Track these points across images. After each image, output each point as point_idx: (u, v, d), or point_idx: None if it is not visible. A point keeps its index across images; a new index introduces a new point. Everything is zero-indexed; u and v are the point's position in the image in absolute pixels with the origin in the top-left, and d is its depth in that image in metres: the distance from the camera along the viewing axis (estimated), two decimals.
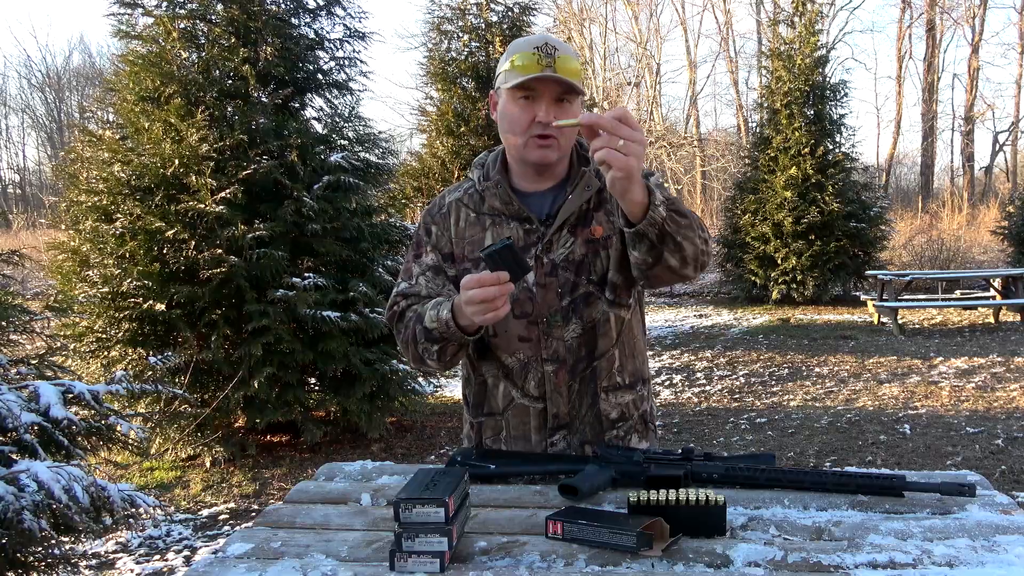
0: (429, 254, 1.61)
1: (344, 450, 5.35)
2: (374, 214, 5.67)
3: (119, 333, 4.85)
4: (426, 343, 1.50)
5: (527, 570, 1.10)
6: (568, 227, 1.54)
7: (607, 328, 1.57)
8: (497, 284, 1.32)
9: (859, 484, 1.32)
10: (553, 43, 1.47)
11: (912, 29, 25.06)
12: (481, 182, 1.59)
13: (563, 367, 1.55)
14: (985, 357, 7.62)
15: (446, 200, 1.64)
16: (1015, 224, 12.24)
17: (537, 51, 1.45)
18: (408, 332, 1.54)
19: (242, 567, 1.14)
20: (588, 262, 1.54)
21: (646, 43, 26.13)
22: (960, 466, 4.58)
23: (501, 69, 1.52)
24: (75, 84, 32.83)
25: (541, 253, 1.53)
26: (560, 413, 1.56)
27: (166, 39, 5.11)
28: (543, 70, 1.44)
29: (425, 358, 1.53)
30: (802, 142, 11.61)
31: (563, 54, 1.46)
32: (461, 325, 1.42)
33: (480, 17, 9.76)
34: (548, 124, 1.46)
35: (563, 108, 1.48)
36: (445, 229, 1.61)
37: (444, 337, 1.46)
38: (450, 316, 1.43)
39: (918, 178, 25.69)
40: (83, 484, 2.36)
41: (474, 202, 1.60)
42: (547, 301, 1.53)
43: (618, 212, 1.38)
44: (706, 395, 6.64)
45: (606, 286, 1.56)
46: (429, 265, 1.60)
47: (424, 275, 1.60)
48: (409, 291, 1.60)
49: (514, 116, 1.49)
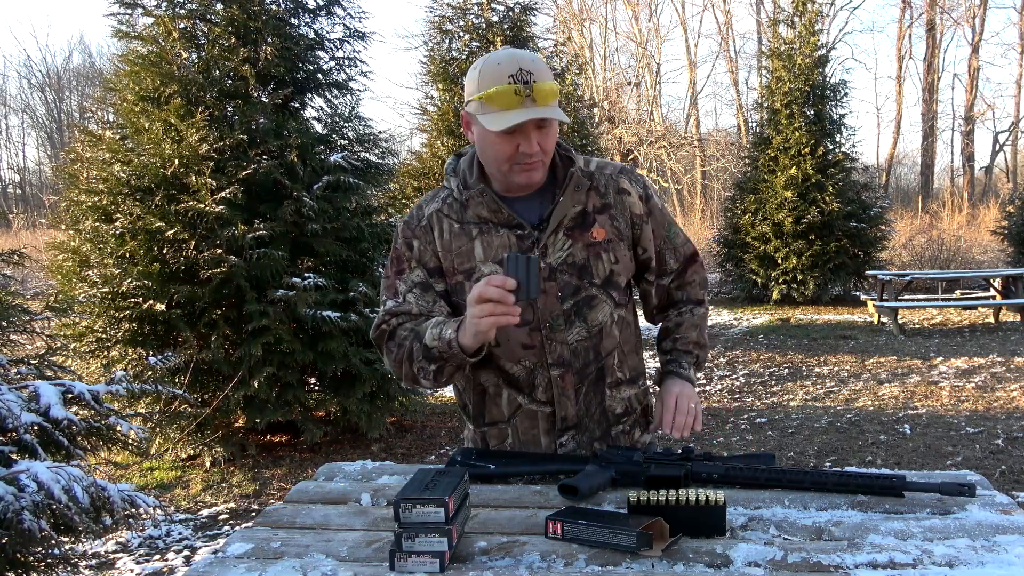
0: (415, 270, 1.56)
1: (344, 450, 5.35)
2: (374, 214, 5.67)
3: (119, 333, 4.85)
4: (424, 362, 1.47)
5: (527, 570, 1.10)
6: (564, 230, 1.52)
7: (611, 328, 1.58)
8: (503, 289, 1.31)
9: (859, 484, 1.32)
10: (527, 66, 1.40)
11: (912, 29, 25.08)
12: (461, 191, 1.54)
13: (569, 370, 1.54)
14: (985, 357, 7.61)
15: (424, 212, 1.57)
16: (1015, 224, 12.23)
17: (513, 81, 1.39)
18: (402, 351, 1.50)
19: (242, 567, 1.14)
20: (590, 265, 1.53)
21: (646, 43, 26.15)
22: (960, 466, 4.57)
23: (473, 94, 1.44)
24: (75, 84, 32.83)
25: (537, 258, 1.52)
26: (568, 415, 1.56)
27: (166, 39, 5.11)
28: (523, 102, 1.39)
29: (420, 377, 1.50)
30: (802, 142, 11.60)
31: (539, 78, 1.40)
32: (463, 345, 1.40)
33: (481, 17, 9.76)
34: (533, 153, 1.44)
35: (544, 132, 1.44)
36: (428, 243, 1.55)
37: (444, 357, 1.44)
38: (453, 336, 1.40)
39: (918, 178, 25.69)
40: (83, 484, 2.36)
41: (455, 212, 1.55)
42: (548, 306, 1.51)
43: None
44: (706, 395, 6.64)
45: (610, 288, 1.55)
46: (416, 282, 1.55)
47: (411, 292, 1.55)
48: (398, 309, 1.54)
49: (496, 148, 1.45)
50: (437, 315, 1.53)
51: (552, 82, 1.44)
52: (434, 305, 1.54)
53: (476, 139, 1.50)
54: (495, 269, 1.50)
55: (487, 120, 1.41)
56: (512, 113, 1.39)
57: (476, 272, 1.52)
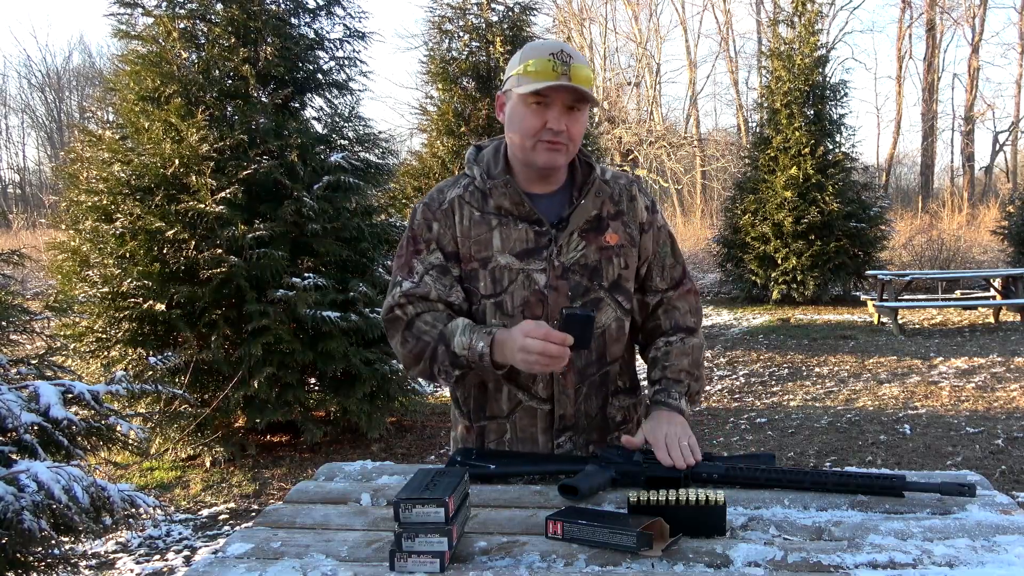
0: (433, 252, 1.55)
1: (344, 450, 5.35)
2: (374, 214, 5.67)
3: (119, 333, 4.85)
4: (449, 367, 1.47)
5: (527, 570, 1.10)
6: (580, 232, 1.55)
7: (620, 334, 1.59)
8: (562, 345, 1.34)
9: (859, 484, 1.32)
10: (568, 51, 1.47)
11: (912, 29, 25.08)
12: (484, 180, 1.56)
13: (571, 369, 1.55)
14: (985, 357, 7.61)
15: (446, 196, 1.58)
16: (1015, 224, 12.23)
17: (553, 58, 1.45)
18: (422, 346, 1.49)
19: (242, 567, 1.14)
20: (601, 268, 1.55)
21: (646, 43, 26.15)
22: (960, 466, 4.57)
23: (512, 71, 1.50)
24: (75, 84, 32.83)
25: (553, 256, 1.53)
26: (567, 414, 1.57)
27: (166, 39, 5.11)
28: (558, 78, 1.43)
29: (439, 377, 1.51)
30: (802, 142, 11.60)
31: (577, 63, 1.46)
32: (496, 361, 1.41)
33: (481, 17, 9.76)
34: (559, 132, 1.47)
35: (573, 115, 1.48)
36: (448, 227, 1.55)
37: (471, 367, 1.45)
38: (487, 352, 1.41)
39: (918, 178, 25.68)
40: (83, 484, 2.36)
41: (476, 200, 1.56)
42: (558, 304, 1.52)
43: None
44: (706, 395, 6.63)
45: (616, 292, 1.57)
46: (434, 264, 1.54)
47: (429, 274, 1.53)
48: (415, 291, 1.52)
49: (525, 120, 1.48)
50: (455, 300, 1.53)
51: (589, 72, 1.49)
52: (451, 290, 1.54)
53: (507, 117, 1.53)
54: (511, 261, 1.52)
55: (521, 87, 1.46)
56: (547, 81, 1.44)
57: (492, 262, 1.53)
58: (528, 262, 1.52)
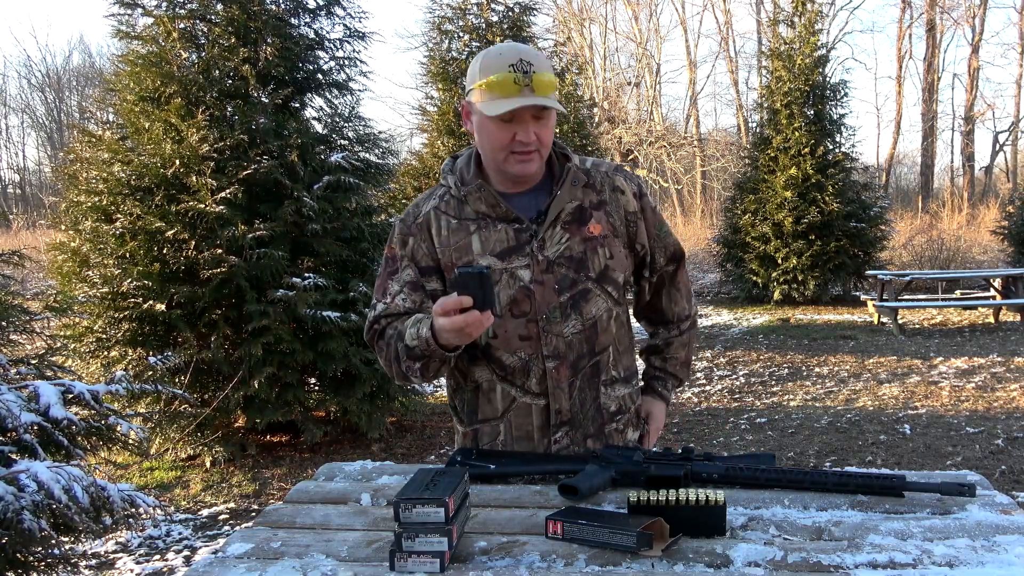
0: (406, 269, 1.59)
1: (344, 450, 5.35)
2: (374, 214, 5.67)
3: (119, 333, 4.85)
4: (408, 361, 1.50)
5: (527, 570, 1.10)
6: (562, 224, 1.55)
7: (608, 324, 1.59)
8: (460, 309, 1.33)
9: (859, 484, 1.32)
10: (527, 57, 1.45)
11: (912, 29, 25.06)
12: (459, 187, 1.58)
13: (564, 363, 1.55)
14: (985, 357, 7.61)
15: (422, 210, 1.61)
16: (1015, 224, 12.23)
17: (513, 69, 1.43)
18: (390, 351, 1.54)
19: (242, 567, 1.14)
20: (587, 259, 1.56)
21: (646, 43, 26.14)
22: (960, 466, 4.57)
23: (473, 83, 1.49)
24: (75, 84, 32.82)
25: (536, 251, 1.54)
26: (562, 409, 1.57)
27: (166, 39, 5.11)
28: (521, 91, 1.43)
29: (409, 375, 1.54)
30: (802, 142, 11.60)
31: (538, 70, 1.44)
32: (441, 343, 1.43)
33: (481, 17, 9.77)
34: (529, 142, 1.47)
35: (541, 122, 1.48)
36: (424, 240, 1.58)
37: (426, 354, 1.47)
38: (430, 335, 1.43)
39: (918, 178, 25.67)
40: (83, 484, 2.36)
41: (453, 208, 1.58)
42: (545, 298, 1.54)
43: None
44: (706, 395, 6.64)
45: (605, 283, 1.58)
46: (406, 281, 1.59)
47: (401, 293, 1.58)
48: (387, 312, 1.58)
49: (493, 137, 1.48)
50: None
51: (551, 75, 1.47)
52: (422, 304, 1.57)
53: (475, 128, 1.53)
54: (492, 261, 1.53)
55: (485, 106, 1.45)
56: (510, 100, 1.43)
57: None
58: (510, 260, 1.54)
